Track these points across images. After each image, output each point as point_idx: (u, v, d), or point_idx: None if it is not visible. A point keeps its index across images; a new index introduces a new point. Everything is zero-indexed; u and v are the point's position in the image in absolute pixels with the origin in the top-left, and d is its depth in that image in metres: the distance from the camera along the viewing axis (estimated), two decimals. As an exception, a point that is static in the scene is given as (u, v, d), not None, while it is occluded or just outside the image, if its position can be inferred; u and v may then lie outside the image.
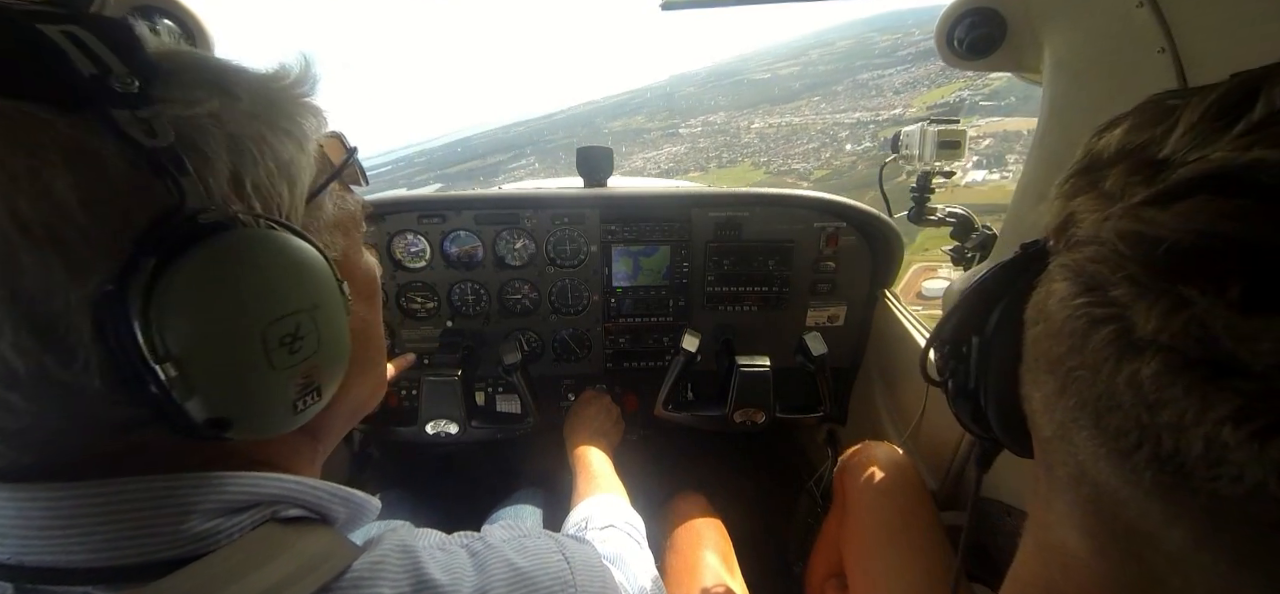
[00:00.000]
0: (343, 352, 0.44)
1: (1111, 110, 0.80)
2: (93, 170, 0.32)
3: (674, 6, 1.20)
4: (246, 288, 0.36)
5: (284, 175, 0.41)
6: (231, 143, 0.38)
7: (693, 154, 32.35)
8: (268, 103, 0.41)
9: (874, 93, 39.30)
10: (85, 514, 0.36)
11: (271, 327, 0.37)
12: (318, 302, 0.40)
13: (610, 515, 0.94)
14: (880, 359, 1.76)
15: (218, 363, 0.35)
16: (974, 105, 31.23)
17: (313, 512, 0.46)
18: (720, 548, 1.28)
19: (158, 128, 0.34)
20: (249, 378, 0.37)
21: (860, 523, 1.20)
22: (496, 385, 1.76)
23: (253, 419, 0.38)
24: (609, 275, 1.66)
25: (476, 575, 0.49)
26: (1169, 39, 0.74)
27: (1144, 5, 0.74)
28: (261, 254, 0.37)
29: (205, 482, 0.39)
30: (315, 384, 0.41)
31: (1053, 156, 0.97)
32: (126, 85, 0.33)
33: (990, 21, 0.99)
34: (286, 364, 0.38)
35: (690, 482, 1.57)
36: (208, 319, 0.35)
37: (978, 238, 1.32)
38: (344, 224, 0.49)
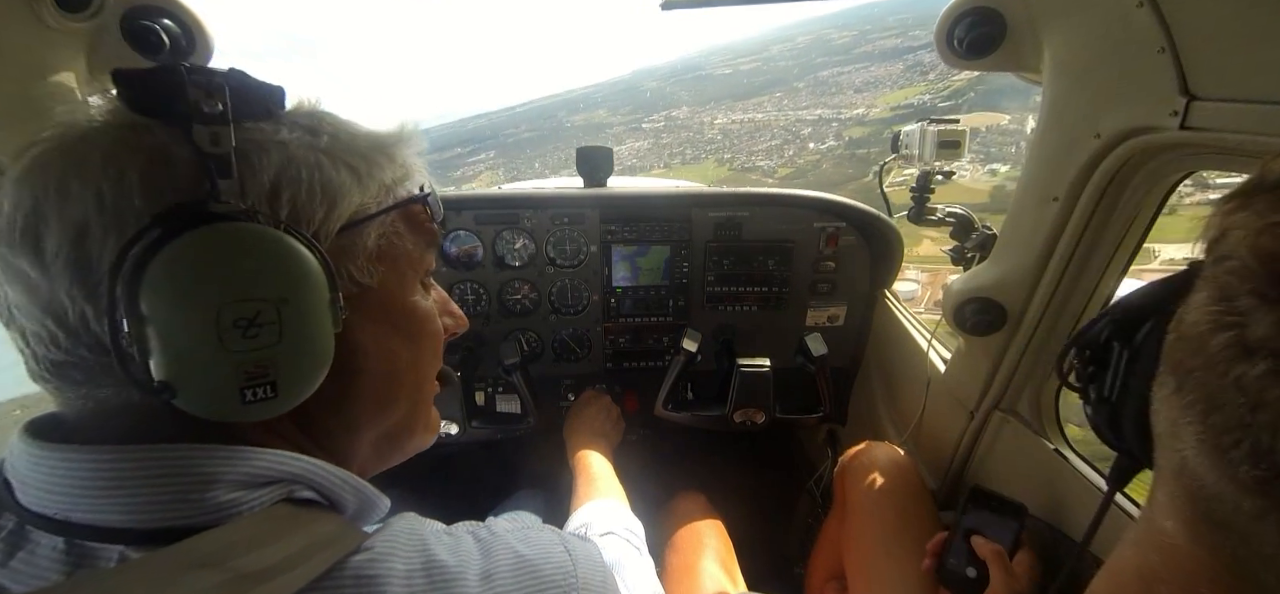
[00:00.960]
0: (313, 357, 0.45)
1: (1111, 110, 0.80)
2: (164, 166, 0.41)
3: (674, 6, 1.20)
4: (218, 266, 0.40)
5: (326, 198, 0.46)
6: (285, 163, 0.45)
7: (656, 149, 32.17)
8: (345, 145, 0.49)
9: (835, 90, 39.33)
10: (124, 477, 0.40)
11: (228, 306, 0.40)
12: (287, 296, 0.42)
13: (610, 522, 0.94)
14: (880, 359, 1.76)
15: (171, 327, 0.40)
16: (934, 107, 31.72)
17: (325, 496, 0.48)
18: (720, 548, 1.28)
19: (221, 140, 0.41)
20: (196, 349, 0.40)
21: (860, 523, 1.20)
22: (496, 385, 1.76)
23: (197, 391, 0.41)
24: (609, 275, 1.66)
25: (483, 559, 0.51)
26: (1169, 39, 0.74)
27: (1144, 5, 0.74)
28: (245, 242, 0.41)
29: (234, 454, 0.43)
30: (269, 377, 0.42)
31: (1053, 156, 0.96)
32: (211, 107, 0.41)
33: (990, 21, 0.99)
34: (237, 346, 0.41)
35: (690, 481, 1.57)
36: (177, 287, 0.39)
37: (978, 237, 1.32)
38: (392, 258, 0.53)
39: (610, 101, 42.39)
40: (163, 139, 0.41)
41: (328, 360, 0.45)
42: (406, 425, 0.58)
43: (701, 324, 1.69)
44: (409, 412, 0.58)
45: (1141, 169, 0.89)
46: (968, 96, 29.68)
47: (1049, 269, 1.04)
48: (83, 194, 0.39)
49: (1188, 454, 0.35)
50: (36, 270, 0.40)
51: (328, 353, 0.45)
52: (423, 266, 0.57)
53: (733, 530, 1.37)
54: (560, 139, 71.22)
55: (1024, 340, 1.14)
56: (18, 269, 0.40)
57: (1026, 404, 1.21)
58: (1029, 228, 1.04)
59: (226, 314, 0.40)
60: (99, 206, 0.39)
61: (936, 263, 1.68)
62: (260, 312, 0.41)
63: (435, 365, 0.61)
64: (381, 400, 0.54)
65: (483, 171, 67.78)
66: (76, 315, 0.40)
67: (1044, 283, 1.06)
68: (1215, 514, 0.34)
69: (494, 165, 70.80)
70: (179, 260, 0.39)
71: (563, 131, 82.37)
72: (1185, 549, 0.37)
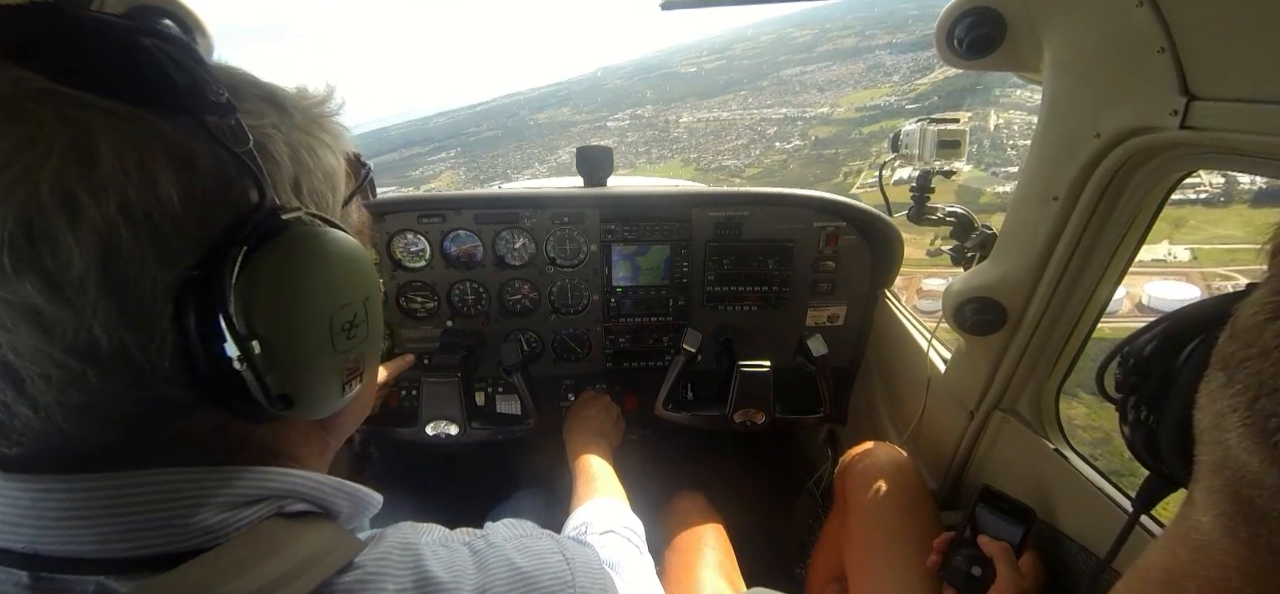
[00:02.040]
0: (381, 339, 0.47)
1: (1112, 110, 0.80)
2: (189, 168, 0.36)
3: (673, 6, 1.20)
4: (320, 276, 0.41)
5: (329, 182, 0.46)
6: (293, 151, 0.43)
7: (622, 148, 32.08)
8: (311, 119, 0.46)
9: (798, 89, 39.59)
10: (96, 507, 0.37)
11: (338, 312, 0.41)
12: (370, 292, 0.44)
13: (609, 520, 0.94)
14: (880, 359, 1.76)
15: (293, 342, 0.39)
16: (901, 108, 31.68)
17: (317, 506, 0.47)
18: (720, 549, 1.28)
19: (242, 134, 0.38)
20: (317, 358, 0.41)
21: (861, 524, 1.20)
22: (496, 385, 1.76)
23: (312, 397, 0.42)
24: (609, 275, 1.66)
25: (478, 573, 0.50)
26: (1169, 39, 0.74)
27: (1144, 5, 0.74)
28: (328, 247, 0.42)
29: (216, 475, 0.41)
30: (360, 369, 0.45)
31: (1053, 156, 0.96)
32: (217, 95, 0.37)
33: (990, 21, 0.99)
34: (345, 348, 0.42)
35: (690, 481, 1.57)
36: (288, 302, 0.39)
37: (978, 237, 1.32)
38: (364, 234, 0.54)
39: (574, 99, 42.59)
40: (173, 134, 0.36)
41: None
42: (373, 389, 0.58)
43: (701, 324, 1.69)
44: (370, 383, 0.58)
45: (1141, 169, 0.89)
46: (932, 99, 29.95)
47: (1049, 269, 1.04)
48: (99, 203, 0.33)
49: (1231, 442, 0.35)
50: (52, 302, 0.33)
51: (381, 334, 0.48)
52: (368, 230, 0.58)
53: (733, 530, 1.37)
54: (523, 137, 70.65)
55: (1024, 340, 1.14)
56: (20, 305, 0.33)
57: (1027, 404, 1.21)
58: (1029, 227, 1.04)
59: (338, 318, 0.41)
60: (126, 217, 0.34)
61: (913, 265, 1.67)
62: (356, 312, 0.43)
63: None
64: None
65: (443, 171, 67.11)
66: (113, 346, 0.35)
67: (1044, 282, 1.06)
68: (1256, 503, 0.34)
69: (455, 164, 70.23)
70: (283, 273, 0.38)
71: (526, 130, 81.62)
72: (1220, 543, 0.36)
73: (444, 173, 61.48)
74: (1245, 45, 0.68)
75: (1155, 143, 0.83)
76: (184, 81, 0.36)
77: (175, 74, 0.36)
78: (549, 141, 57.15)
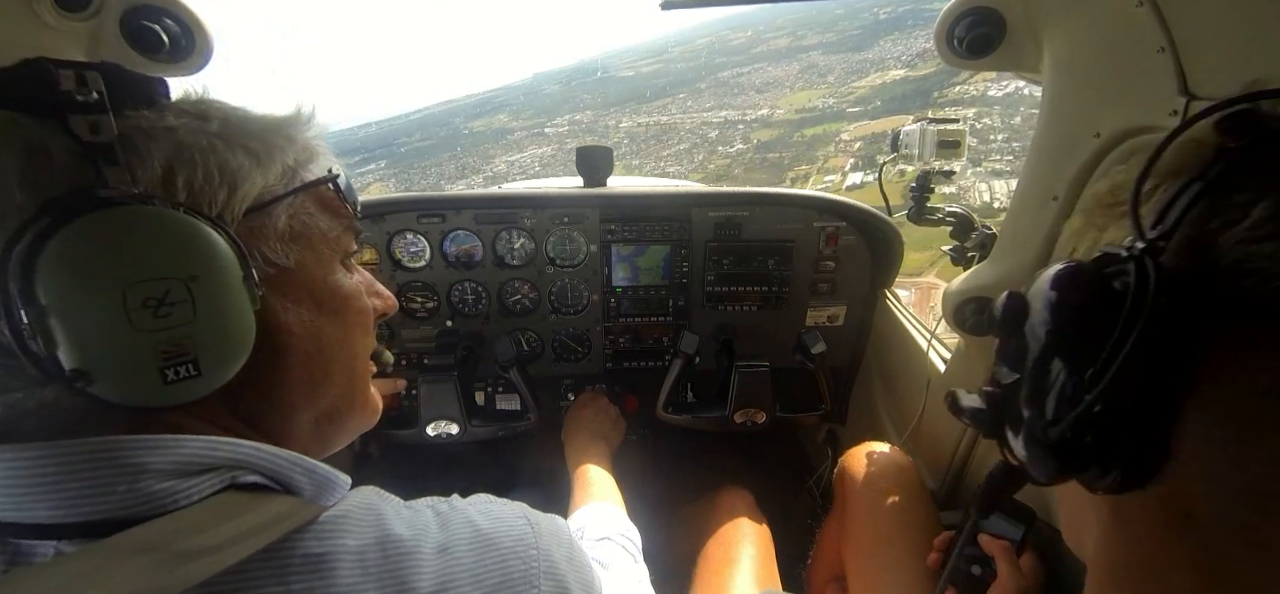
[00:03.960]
0: (234, 334, 0.45)
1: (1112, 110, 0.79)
2: (41, 158, 0.41)
3: (673, 6, 1.20)
4: (116, 248, 0.40)
5: (225, 180, 0.46)
6: (176, 148, 0.45)
7: (561, 155, 31.62)
8: (236, 127, 0.49)
9: (737, 91, 39.31)
10: (42, 473, 0.40)
11: (135, 286, 0.40)
12: (197, 274, 0.43)
13: (605, 527, 0.93)
14: (880, 359, 1.76)
15: (79, 313, 0.39)
16: (841, 111, 31.53)
17: (274, 480, 0.48)
18: (761, 547, 1.26)
19: (101, 129, 0.41)
20: (108, 332, 0.40)
21: (860, 524, 1.20)
22: (496, 384, 1.76)
23: (113, 375, 0.41)
24: (608, 275, 1.66)
25: (440, 532, 0.51)
26: (1169, 39, 0.74)
27: (1144, 5, 0.74)
28: (144, 223, 0.41)
29: (159, 443, 0.42)
30: (189, 356, 0.42)
31: (1053, 156, 0.96)
32: (86, 96, 0.40)
33: (990, 21, 0.99)
34: (150, 326, 0.41)
35: (691, 481, 1.57)
36: (77, 273, 0.39)
37: (978, 237, 1.32)
38: (307, 238, 0.53)
39: (511, 106, 42.01)
40: (35, 131, 0.41)
41: (249, 336, 0.46)
42: (343, 405, 0.59)
43: (701, 324, 1.69)
44: (345, 391, 0.58)
45: (1141, 169, 0.89)
46: (873, 104, 29.88)
47: (1049, 269, 1.04)
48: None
49: None
50: None
51: (248, 329, 0.46)
52: (341, 248, 0.58)
53: None
54: (458, 146, 67.92)
55: (1024, 340, 1.14)
56: None
57: (1026, 404, 1.21)
58: (1029, 227, 1.04)
59: (133, 294, 0.40)
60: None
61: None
62: (170, 290, 0.41)
63: (367, 344, 0.62)
64: (313, 379, 0.54)
65: (372, 183, 65.74)
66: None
67: (1044, 283, 1.06)
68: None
69: (384, 176, 68.44)
70: (75, 245, 0.39)
71: (460, 138, 77.89)
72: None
73: (372, 185, 60.51)
74: (1245, 45, 0.68)
75: (1155, 143, 0.82)
76: (62, 87, 0.40)
77: (65, 85, 0.40)
78: (484, 150, 55.17)
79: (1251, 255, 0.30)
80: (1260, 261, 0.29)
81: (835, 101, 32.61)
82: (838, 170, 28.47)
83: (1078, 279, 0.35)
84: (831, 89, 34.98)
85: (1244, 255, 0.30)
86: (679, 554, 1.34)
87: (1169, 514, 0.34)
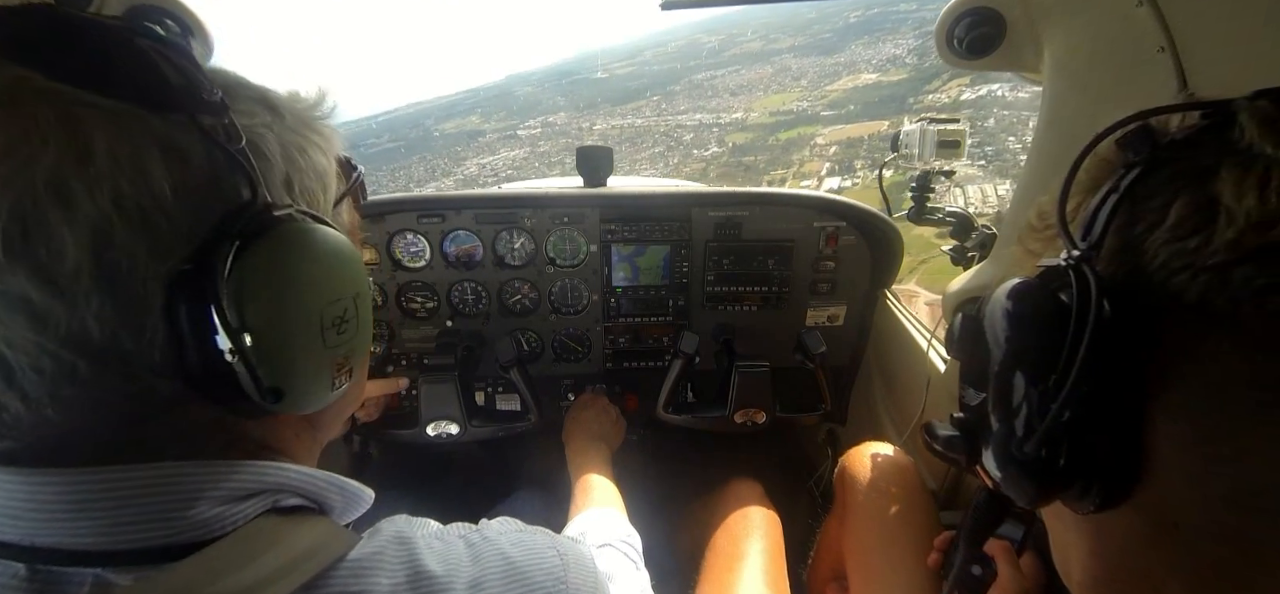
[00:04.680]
0: (370, 337, 0.48)
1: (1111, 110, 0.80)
2: (182, 164, 0.37)
3: (673, 6, 1.20)
4: (311, 272, 0.42)
5: (320, 182, 0.47)
6: (284, 151, 0.44)
7: (533, 158, 31.30)
8: (303, 121, 0.47)
9: (711, 94, 39.27)
10: (93, 499, 0.38)
11: (329, 308, 0.42)
12: (360, 290, 0.45)
13: (606, 533, 0.93)
14: (880, 359, 1.76)
15: (284, 336, 0.40)
16: (815, 115, 31.41)
17: (311, 501, 0.48)
18: (772, 538, 1.25)
19: (235, 132, 0.39)
20: (307, 352, 0.42)
21: (860, 523, 1.20)
22: (496, 384, 1.76)
23: (302, 392, 0.43)
24: (608, 275, 1.66)
25: (472, 566, 0.50)
26: (1169, 39, 0.74)
27: (1144, 5, 0.74)
28: (319, 244, 0.43)
29: (211, 469, 0.41)
30: (350, 364, 0.46)
31: (1052, 156, 0.96)
32: (211, 94, 0.39)
33: (990, 21, 0.99)
34: (335, 343, 0.43)
35: (690, 481, 1.57)
36: (279, 297, 0.40)
37: (978, 237, 1.32)
38: (354, 235, 0.55)
39: (483, 107, 41.55)
40: (163, 128, 0.37)
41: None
42: (356, 392, 0.58)
43: (701, 324, 1.68)
44: (360, 380, 0.58)
45: (1141, 169, 0.89)
46: (847, 107, 29.75)
47: (1049, 269, 1.04)
48: (93, 195, 0.34)
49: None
50: (44, 293, 0.34)
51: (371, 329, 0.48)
52: (359, 232, 0.59)
53: None
54: (429, 148, 67.01)
55: (1024, 340, 1.14)
56: (14, 297, 0.34)
57: (1026, 404, 1.21)
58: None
59: (328, 314, 0.42)
60: (119, 209, 0.34)
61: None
62: (346, 308, 0.44)
63: None
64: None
65: None
66: (105, 338, 0.36)
67: (1044, 283, 1.06)
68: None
69: None
70: (274, 268, 0.40)
71: (431, 140, 75.77)
72: None
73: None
74: (1245, 45, 0.68)
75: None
76: (177, 80, 0.37)
77: (169, 73, 0.37)
78: (455, 152, 53.86)
79: (1177, 252, 0.30)
80: (1186, 256, 0.30)
81: (809, 105, 32.65)
82: (814, 175, 28.38)
83: (1024, 293, 0.37)
84: (805, 92, 35.02)
85: (1170, 254, 0.31)
86: (685, 549, 1.33)
87: (1154, 528, 0.34)
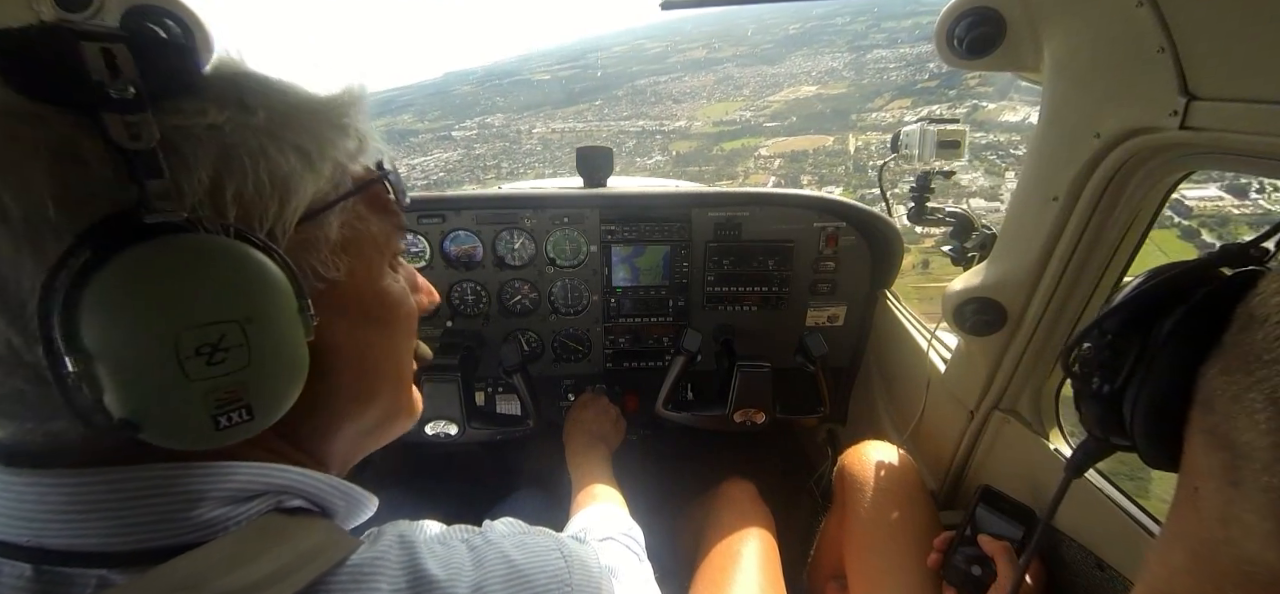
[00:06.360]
0: (288, 372, 0.41)
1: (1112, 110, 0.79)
2: (76, 169, 0.35)
3: (673, 5, 1.20)
4: (167, 291, 0.36)
5: (277, 190, 0.41)
6: (223, 153, 0.39)
7: (468, 160, 30.70)
8: (284, 119, 0.42)
9: (654, 100, 38.67)
10: (101, 500, 0.38)
11: (186, 334, 0.36)
12: (252, 315, 0.38)
13: (608, 527, 0.93)
14: (880, 359, 1.76)
15: (126, 363, 0.35)
16: (759, 126, 31.20)
17: (314, 503, 0.47)
18: (764, 540, 1.25)
19: (142, 133, 0.35)
20: (158, 383, 0.36)
21: (860, 523, 1.20)
22: (496, 386, 1.76)
23: (164, 425, 0.37)
24: (608, 275, 1.66)
25: (474, 570, 0.50)
26: (1169, 39, 0.74)
27: (1144, 5, 0.74)
28: (194, 257, 0.37)
29: (216, 470, 0.41)
30: (243, 402, 0.38)
31: (1053, 156, 0.96)
32: (121, 91, 0.34)
33: (990, 21, 0.99)
34: (203, 375, 0.37)
35: (691, 481, 1.57)
36: (122, 317, 0.35)
37: (978, 238, 1.32)
38: (358, 245, 0.48)
39: (418, 105, 40.33)
40: (64, 129, 0.35)
41: (303, 371, 0.42)
42: (388, 415, 0.56)
43: (701, 324, 1.68)
44: (391, 401, 0.56)
45: (1141, 169, 0.89)
46: (789, 119, 29.64)
47: (1049, 269, 1.04)
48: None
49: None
50: None
51: (302, 364, 0.42)
52: (391, 250, 0.52)
53: None
54: None
55: (1024, 340, 1.14)
56: None
57: (1026, 404, 1.21)
58: (1029, 228, 1.04)
59: (186, 341, 0.36)
60: (3, 220, 0.34)
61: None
62: (224, 335, 0.37)
63: (411, 347, 0.57)
64: (362, 395, 0.52)
65: None
66: (2, 345, 0.36)
67: (1044, 283, 1.06)
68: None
69: None
70: (120, 286, 0.35)
71: None
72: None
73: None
74: (1245, 45, 0.68)
75: (1155, 143, 0.82)
76: (93, 77, 0.34)
77: (90, 70, 0.34)
78: (386, 150, 54.34)
79: None
80: None
81: (752, 114, 32.34)
82: (759, 187, 28.51)
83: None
84: (748, 102, 34.78)
85: None
86: (681, 550, 1.33)
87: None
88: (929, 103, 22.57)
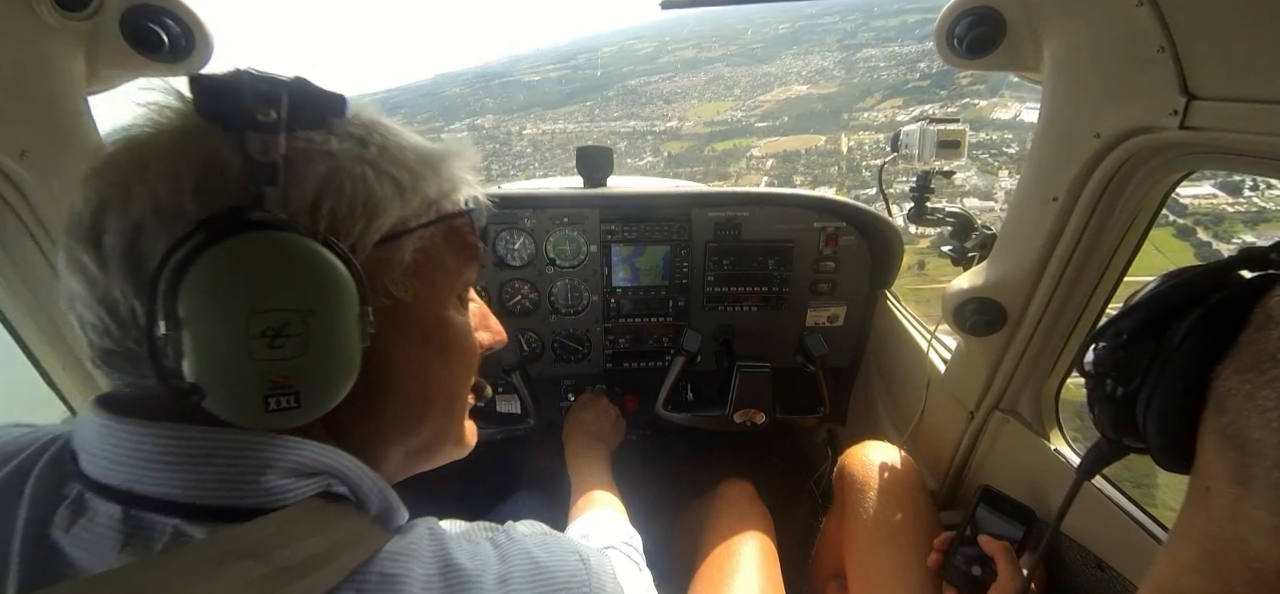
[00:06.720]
0: (338, 369, 0.45)
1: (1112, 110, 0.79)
2: (217, 172, 0.42)
3: (673, 5, 1.20)
4: (249, 276, 0.41)
5: (366, 210, 0.47)
6: (331, 174, 0.45)
7: None
8: (391, 156, 0.49)
9: (645, 101, 38.37)
10: (187, 453, 0.42)
11: (256, 316, 0.41)
12: (315, 308, 0.42)
13: (608, 535, 0.93)
14: (880, 359, 1.76)
15: (204, 331, 0.40)
16: (750, 126, 31.12)
17: (355, 494, 0.50)
18: (763, 540, 1.25)
19: (269, 149, 0.42)
20: (225, 354, 0.41)
21: (860, 523, 1.20)
22: (496, 386, 1.75)
23: (224, 396, 0.42)
24: (608, 275, 1.66)
25: (500, 565, 0.52)
26: (1169, 39, 0.74)
27: (1144, 5, 0.74)
28: (277, 251, 0.42)
29: (285, 443, 0.45)
30: (292, 389, 0.43)
31: (1053, 156, 0.96)
32: (265, 115, 0.42)
33: (990, 20, 0.99)
34: (264, 356, 0.41)
35: (690, 481, 1.56)
36: (210, 292, 0.40)
37: (978, 238, 1.32)
38: (429, 273, 0.53)
39: (408, 107, 40.10)
40: (218, 145, 0.43)
41: (353, 374, 0.45)
42: (437, 440, 0.59)
43: (701, 324, 1.68)
44: (440, 427, 0.58)
45: (1141, 169, 0.89)
46: (782, 119, 29.57)
47: (1049, 269, 1.04)
48: (142, 195, 0.41)
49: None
50: (96, 265, 0.42)
51: (353, 367, 0.45)
52: (461, 281, 0.57)
53: None
54: None
55: (1024, 340, 1.14)
56: (80, 262, 0.43)
57: (1027, 404, 1.21)
58: (1029, 228, 1.04)
59: (254, 323, 0.41)
60: (155, 208, 0.41)
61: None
62: (288, 322, 0.42)
63: (468, 380, 0.61)
64: (411, 415, 0.54)
65: None
66: (127, 310, 0.42)
67: (1044, 283, 1.06)
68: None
69: None
70: (214, 266, 0.40)
71: None
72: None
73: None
74: (1245, 45, 0.68)
75: (1155, 143, 0.83)
76: (245, 103, 0.42)
77: (238, 98, 0.42)
78: None
79: None
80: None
81: (743, 114, 32.17)
82: (755, 187, 28.35)
83: None
84: (738, 102, 34.60)
85: None
86: (681, 551, 1.33)
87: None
88: (921, 102, 22.51)
